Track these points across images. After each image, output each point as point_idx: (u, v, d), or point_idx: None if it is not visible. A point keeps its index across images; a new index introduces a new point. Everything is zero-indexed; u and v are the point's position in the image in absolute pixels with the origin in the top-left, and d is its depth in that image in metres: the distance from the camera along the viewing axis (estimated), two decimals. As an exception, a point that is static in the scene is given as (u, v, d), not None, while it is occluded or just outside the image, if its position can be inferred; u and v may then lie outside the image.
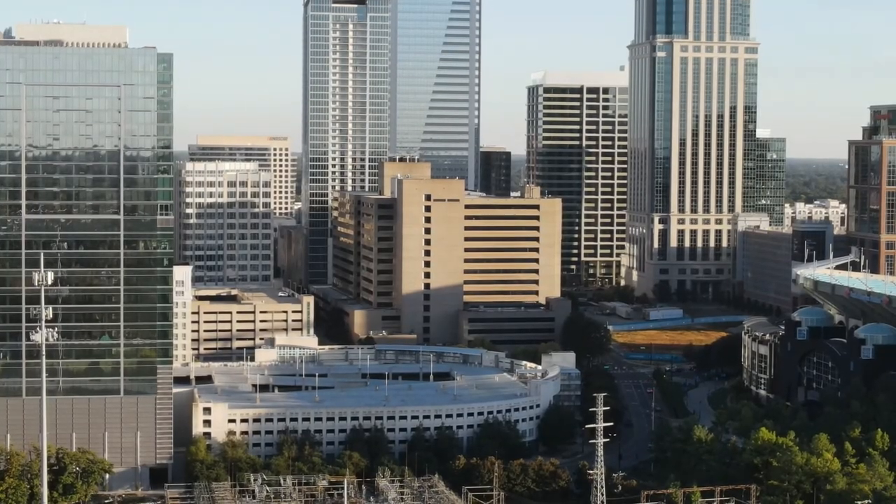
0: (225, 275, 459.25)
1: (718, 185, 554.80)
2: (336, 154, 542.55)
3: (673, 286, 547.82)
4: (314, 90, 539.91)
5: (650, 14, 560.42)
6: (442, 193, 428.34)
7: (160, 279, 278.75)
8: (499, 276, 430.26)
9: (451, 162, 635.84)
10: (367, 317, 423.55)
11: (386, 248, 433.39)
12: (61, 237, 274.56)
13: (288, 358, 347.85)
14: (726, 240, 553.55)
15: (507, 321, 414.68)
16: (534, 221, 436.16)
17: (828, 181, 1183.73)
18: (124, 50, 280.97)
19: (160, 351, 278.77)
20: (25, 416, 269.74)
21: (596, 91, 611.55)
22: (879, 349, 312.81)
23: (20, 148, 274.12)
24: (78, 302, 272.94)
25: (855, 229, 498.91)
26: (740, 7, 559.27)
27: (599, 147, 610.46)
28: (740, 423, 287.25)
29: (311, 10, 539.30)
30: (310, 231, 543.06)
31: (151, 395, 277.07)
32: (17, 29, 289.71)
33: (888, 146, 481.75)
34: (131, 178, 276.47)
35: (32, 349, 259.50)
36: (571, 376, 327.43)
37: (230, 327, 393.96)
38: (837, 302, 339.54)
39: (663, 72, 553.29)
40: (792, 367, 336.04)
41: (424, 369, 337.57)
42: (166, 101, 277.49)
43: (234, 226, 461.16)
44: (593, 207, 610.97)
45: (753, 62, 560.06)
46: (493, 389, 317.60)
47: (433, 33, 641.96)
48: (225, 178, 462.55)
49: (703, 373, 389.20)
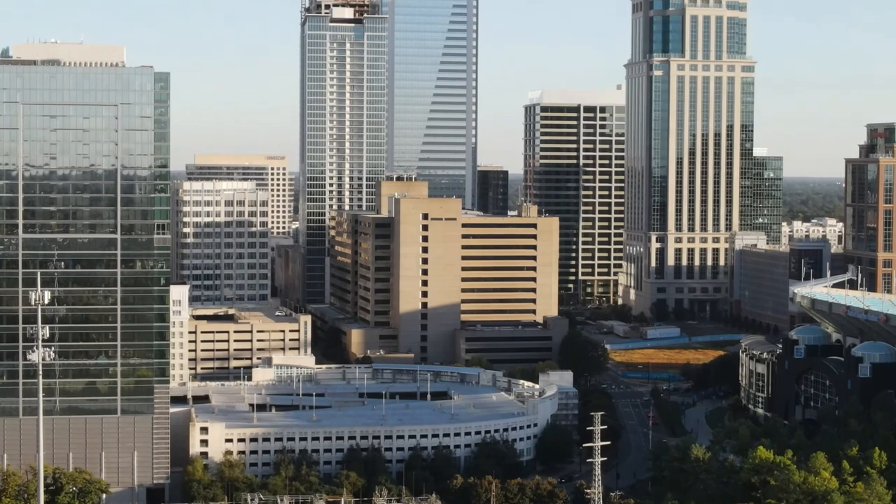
0: (222, 294, 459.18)
1: (715, 203, 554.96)
2: (333, 173, 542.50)
3: (670, 305, 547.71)
4: (311, 109, 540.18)
5: (647, 33, 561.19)
6: (439, 212, 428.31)
7: (157, 298, 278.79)
8: (496, 294, 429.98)
9: (449, 181, 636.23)
10: (364, 336, 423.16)
11: (383, 266, 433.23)
12: (58, 256, 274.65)
13: (285, 377, 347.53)
14: (723, 258, 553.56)
15: (505, 340, 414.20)
16: (531, 240, 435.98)
17: (825, 199, 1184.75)
18: (121, 69, 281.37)
19: (157, 370, 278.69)
20: (22, 435, 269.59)
21: (593, 110, 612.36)
22: (877, 367, 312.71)
23: (17, 167, 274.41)
24: (75, 321, 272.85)
25: (852, 247, 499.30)
26: (736, 26, 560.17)
27: (597, 166, 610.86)
28: (738, 442, 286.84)
29: (308, 29, 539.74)
30: (307, 250, 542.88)
31: (148, 415, 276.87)
32: (15, 49, 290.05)
33: (885, 164, 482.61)
34: (128, 198, 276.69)
35: (29, 368, 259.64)
36: (569, 395, 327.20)
37: (227, 347, 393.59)
38: (835, 320, 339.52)
39: (660, 90, 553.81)
40: (789, 385, 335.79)
41: (422, 388, 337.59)
42: (163, 120, 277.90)
43: (232, 245, 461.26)
44: (591, 226, 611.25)
45: (750, 81, 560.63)
46: (490, 408, 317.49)
47: (430, 52, 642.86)
48: (222, 197, 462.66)
49: (701, 391, 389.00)
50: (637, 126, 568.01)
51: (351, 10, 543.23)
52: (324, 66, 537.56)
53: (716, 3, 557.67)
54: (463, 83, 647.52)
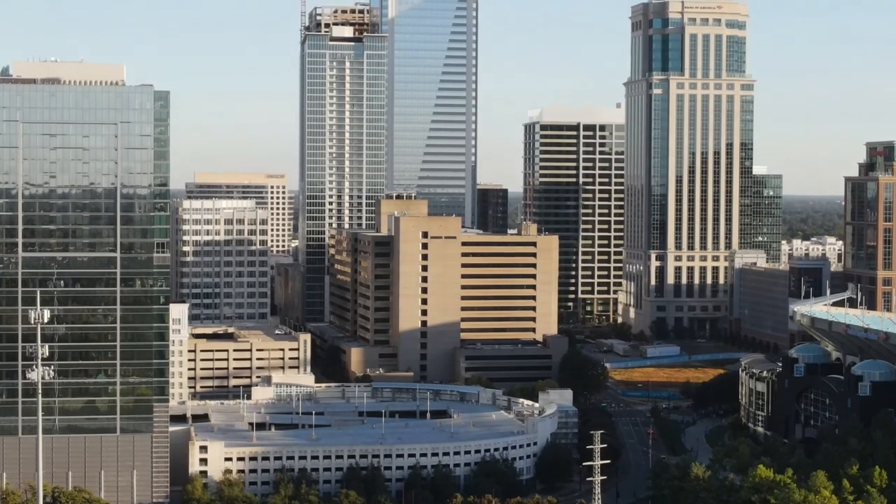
0: (222, 312, 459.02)
1: (715, 222, 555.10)
2: (333, 191, 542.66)
3: (670, 323, 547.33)
4: (311, 128, 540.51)
5: (646, 51, 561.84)
6: (439, 231, 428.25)
7: (157, 317, 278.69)
8: (496, 313, 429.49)
9: (448, 199, 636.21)
10: (363, 354, 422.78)
11: (383, 285, 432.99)
12: (58, 275, 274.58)
13: (285, 396, 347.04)
14: (723, 277, 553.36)
15: (505, 358, 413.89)
16: (531, 258, 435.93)
17: (824, 218, 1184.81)
18: (121, 88, 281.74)
19: (156, 389, 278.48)
20: (21, 454, 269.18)
21: (592, 128, 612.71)
22: (877, 386, 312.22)
23: (17, 186, 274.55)
24: (74, 340, 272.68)
25: (852, 266, 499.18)
26: (736, 44, 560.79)
27: (596, 184, 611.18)
28: (738, 461, 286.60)
29: (308, 48, 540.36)
30: (307, 269, 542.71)
31: (147, 434, 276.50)
32: (15, 67, 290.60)
33: (884, 183, 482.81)
34: (128, 216, 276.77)
35: (29, 387, 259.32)
36: (568, 414, 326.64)
37: (227, 365, 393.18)
38: (834, 339, 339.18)
39: (659, 109, 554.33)
40: (789, 403, 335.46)
41: (421, 407, 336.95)
42: (163, 138, 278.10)
43: (231, 263, 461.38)
44: (590, 244, 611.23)
45: (749, 99, 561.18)
46: (490, 427, 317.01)
47: (430, 71, 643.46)
48: (222, 215, 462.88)
49: (701, 410, 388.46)
50: (637, 144, 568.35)
51: (351, 28, 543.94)
52: (323, 84, 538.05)
53: (715, 21, 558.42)
54: (462, 101, 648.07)
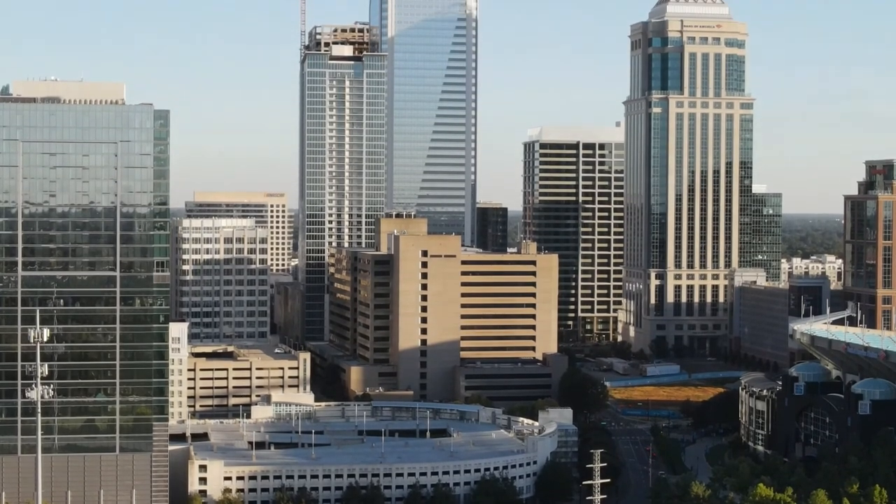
0: (221, 331, 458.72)
1: (715, 240, 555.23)
2: (333, 210, 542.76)
3: (670, 342, 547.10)
4: (311, 146, 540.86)
5: (646, 70, 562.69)
6: (438, 249, 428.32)
7: (156, 336, 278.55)
8: (495, 332, 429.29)
9: (448, 218, 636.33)
10: (363, 373, 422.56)
11: (382, 304, 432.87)
12: (57, 294, 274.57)
13: (284, 415, 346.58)
14: (723, 295, 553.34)
15: (504, 377, 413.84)
16: (530, 277, 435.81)
17: (824, 236, 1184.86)
18: (121, 107, 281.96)
19: (156, 408, 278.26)
20: (21, 473, 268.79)
21: (592, 147, 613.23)
22: (877, 404, 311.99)
23: (17, 204, 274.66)
24: (74, 359, 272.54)
25: (851, 284, 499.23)
26: (735, 63, 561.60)
27: (596, 203, 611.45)
28: (738, 480, 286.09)
29: (307, 67, 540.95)
30: (306, 287, 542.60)
31: (147, 453, 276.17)
32: (15, 86, 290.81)
33: (884, 201, 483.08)
34: (128, 235, 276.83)
35: (28, 406, 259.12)
36: (568, 433, 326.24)
37: (226, 384, 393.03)
38: (834, 357, 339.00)
39: (659, 127, 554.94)
40: (789, 422, 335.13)
41: (421, 426, 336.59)
42: (163, 157, 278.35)
43: (231, 282, 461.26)
44: (590, 263, 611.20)
45: (749, 118, 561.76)
46: (489, 446, 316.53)
47: (430, 90, 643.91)
48: (221, 234, 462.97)
49: (701, 429, 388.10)
50: (636, 163, 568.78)
51: (350, 48, 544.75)
52: (323, 103, 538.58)
53: (714, 40, 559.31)
54: (462, 120, 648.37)
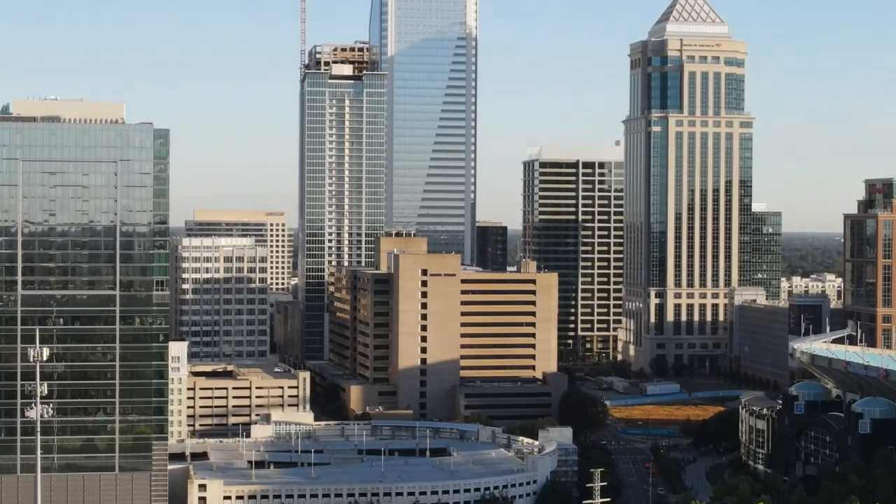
0: (221, 350, 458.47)
1: (714, 259, 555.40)
2: (332, 229, 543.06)
3: (670, 361, 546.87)
4: (311, 165, 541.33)
5: (645, 89, 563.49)
6: (438, 268, 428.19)
7: (156, 355, 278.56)
8: (495, 350, 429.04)
9: (448, 237, 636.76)
10: (363, 392, 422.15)
11: (382, 322, 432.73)
12: (57, 313, 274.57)
13: (284, 434, 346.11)
14: (723, 314, 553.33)
15: (504, 396, 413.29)
16: (530, 296, 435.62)
17: (824, 255, 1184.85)
18: (121, 126, 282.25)
19: (155, 427, 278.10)
20: (20, 493, 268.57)
21: (592, 165, 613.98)
22: (877, 423, 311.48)
23: (16, 224, 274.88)
24: (73, 378, 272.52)
25: (851, 303, 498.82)
26: (734, 82, 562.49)
27: (595, 221, 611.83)
28: (738, 499, 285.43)
29: (307, 86, 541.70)
30: (306, 306, 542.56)
31: (146, 472, 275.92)
32: (15, 105, 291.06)
33: (883, 219, 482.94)
34: (127, 254, 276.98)
35: (27, 426, 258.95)
36: (568, 452, 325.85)
37: (226, 403, 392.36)
38: (834, 376, 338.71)
39: (658, 146, 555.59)
40: (789, 441, 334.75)
41: (421, 445, 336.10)
42: (163, 176, 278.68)
43: (231, 301, 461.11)
44: (590, 282, 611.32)
45: (748, 136, 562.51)
46: (489, 465, 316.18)
47: (429, 108, 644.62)
48: (221, 253, 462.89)
49: (701, 448, 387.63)
50: (636, 182, 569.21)
51: (350, 66, 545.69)
52: (323, 122, 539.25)
53: (714, 59, 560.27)
54: (462, 139, 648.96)
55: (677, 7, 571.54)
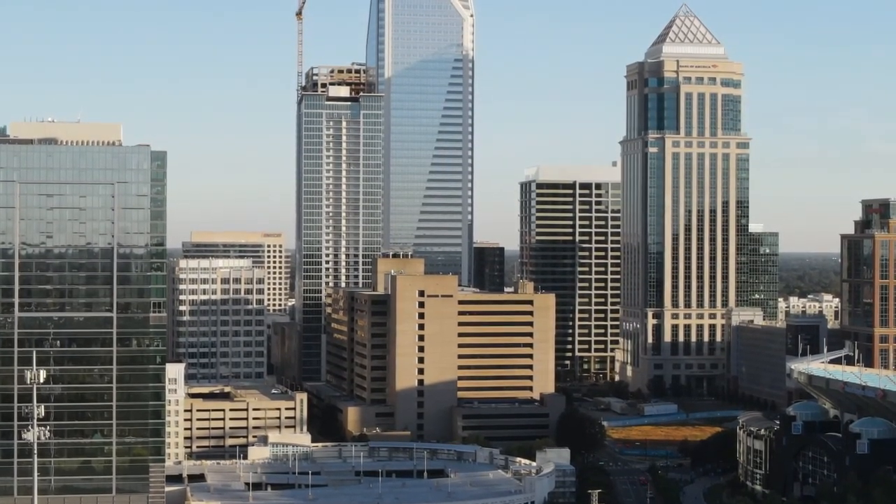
0: (218, 372, 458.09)
1: (712, 279, 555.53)
2: (330, 250, 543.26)
3: (667, 381, 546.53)
4: (308, 187, 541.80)
5: (642, 110, 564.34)
6: (435, 289, 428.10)
7: (153, 377, 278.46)
8: (493, 371, 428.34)
9: (445, 258, 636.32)
10: (360, 413, 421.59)
11: (379, 344, 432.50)
12: (54, 335, 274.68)
13: (281, 455, 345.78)
14: (720, 334, 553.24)
15: (502, 417, 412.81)
16: (528, 317, 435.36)
17: (821, 275, 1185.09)
18: (118, 148, 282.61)
19: (152, 449, 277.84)
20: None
21: (589, 186, 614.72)
22: (875, 444, 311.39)
23: (13, 246, 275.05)
24: (70, 400, 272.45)
25: (849, 323, 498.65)
26: (731, 103, 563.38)
27: (593, 242, 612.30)
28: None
29: (304, 108, 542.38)
30: (303, 327, 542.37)
31: (144, 494, 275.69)
32: (12, 127, 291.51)
33: (880, 240, 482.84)
34: (124, 276, 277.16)
35: (24, 448, 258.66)
36: (566, 473, 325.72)
37: (223, 425, 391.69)
38: (832, 396, 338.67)
39: (655, 167, 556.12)
40: (787, 462, 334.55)
41: (418, 466, 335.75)
42: (160, 198, 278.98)
43: (228, 323, 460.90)
44: (587, 302, 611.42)
45: (745, 157, 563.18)
46: (487, 486, 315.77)
47: (426, 130, 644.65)
48: (218, 274, 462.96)
49: (699, 468, 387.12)
50: (633, 202, 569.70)
51: (347, 88, 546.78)
52: (320, 143, 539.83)
53: (710, 80, 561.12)
54: (459, 160, 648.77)
55: (674, 28, 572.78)
